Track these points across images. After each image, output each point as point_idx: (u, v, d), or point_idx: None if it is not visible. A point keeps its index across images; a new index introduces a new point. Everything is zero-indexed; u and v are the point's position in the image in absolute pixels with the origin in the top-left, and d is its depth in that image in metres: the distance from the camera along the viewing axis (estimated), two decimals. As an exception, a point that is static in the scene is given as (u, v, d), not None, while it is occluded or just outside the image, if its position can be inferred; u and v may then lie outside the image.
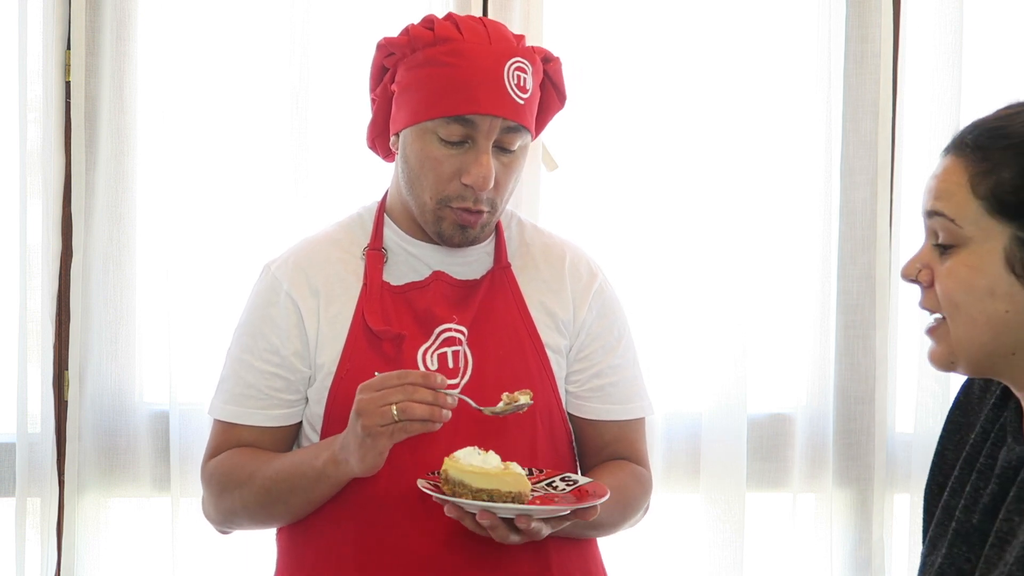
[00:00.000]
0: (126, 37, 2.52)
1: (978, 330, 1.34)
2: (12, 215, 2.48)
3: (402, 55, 1.86)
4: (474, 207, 1.85)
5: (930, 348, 1.41)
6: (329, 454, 1.79)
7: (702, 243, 2.67)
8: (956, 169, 1.36)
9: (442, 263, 1.92)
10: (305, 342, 1.89)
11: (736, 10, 2.63)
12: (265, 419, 1.91)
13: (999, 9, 2.77)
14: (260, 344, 1.91)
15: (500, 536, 1.70)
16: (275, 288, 1.93)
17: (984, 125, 1.37)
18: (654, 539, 2.66)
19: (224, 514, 1.93)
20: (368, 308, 1.87)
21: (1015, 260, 1.31)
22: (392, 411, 1.67)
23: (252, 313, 1.95)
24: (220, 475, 1.91)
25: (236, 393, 1.92)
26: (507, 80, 1.82)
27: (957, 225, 1.34)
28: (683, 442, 2.69)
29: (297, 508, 1.87)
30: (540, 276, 1.97)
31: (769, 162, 2.69)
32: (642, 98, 2.66)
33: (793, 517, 2.72)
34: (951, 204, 1.35)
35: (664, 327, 2.68)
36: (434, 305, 1.89)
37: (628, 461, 1.99)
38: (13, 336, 2.47)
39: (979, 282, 1.33)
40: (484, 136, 1.82)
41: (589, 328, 1.96)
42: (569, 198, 2.67)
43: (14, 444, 2.47)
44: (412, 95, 1.84)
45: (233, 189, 2.59)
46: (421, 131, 1.83)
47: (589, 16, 2.66)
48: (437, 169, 1.83)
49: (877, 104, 2.69)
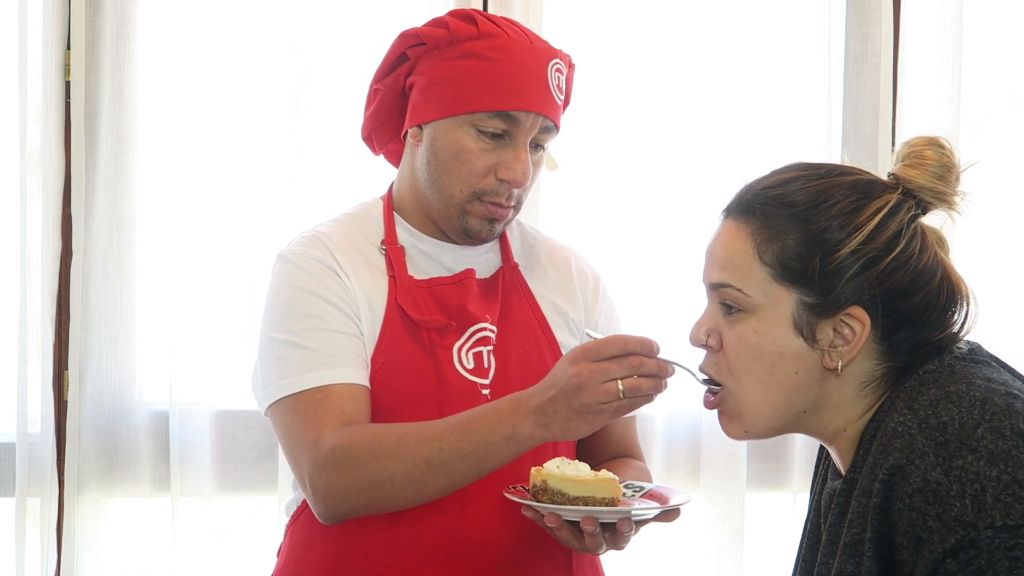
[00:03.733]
0: (126, 37, 2.52)
1: (771, 393, 1.39)
2: (12, 215, 2.48)
3: (435, 46, 1.83)
4: (506, 203, 1.84)
5: (720, 419, 1.46)
6: (523, 414, 1.62)
7: (702, 243, 2.67)
8: (740, 236, 1.42)
9: (455, 260, 1.91)
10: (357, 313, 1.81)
11: (736, 10, 2.64)
12: (363, 378, 1.77)
13: (999, 9, 2.77)
14: (327, 308, 1.78)
15: (595, 544, 1.65)
16: (311, 262, 1.82)
17: (768, 192, 1.42)
18: (654, 539, 2.66)
19: (360, 492, 1.70)
20: (403, 299, 1.83)
21: (802, 324, 1.36)
22: (618, 387, 1.56)
23: (299, 287, 1.80)
24: (355, 445, 1.69)
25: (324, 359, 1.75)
26: (550, 79, 1.82)
27: (745, 294, 1.39)
28: (683, 442, 2.69)
29: (461, 480, 1.67)
30: (548, 277, 1.97)
31: (769, 162, 2.66)
32: (642, 98, 2.66)
33: (793, 517, 2.72)
34: (738, 274, 1.40)
35: (664, 327, 2.68)
36: (467, 302, 1.86)
37: (631, 457, 2.00)
38: (13, 336, 2.47)
39: (769, 347, 1.38)
40: (524, 133, 1.81)
41: (603, 330, 1.97)
42: (569, 198, 2.68)
43: (14, 444, 2.47)
44: (449, 87, 1.81)
45: (233, 189, 2.59)
46: (457, 123, 1.81)
47: (589, 16, 2.66)
48: (473, 162, 1.81)
49: (877, 104, 2.69)
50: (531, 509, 1.66)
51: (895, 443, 1.26)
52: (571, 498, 1.65)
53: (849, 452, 1.40)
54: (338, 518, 1.75)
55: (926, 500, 1.22)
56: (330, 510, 1.73)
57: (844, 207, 1.36)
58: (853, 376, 1.38)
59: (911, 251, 1.36)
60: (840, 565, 1.32)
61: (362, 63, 1.99)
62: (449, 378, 1.82)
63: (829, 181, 1.39)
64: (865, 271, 1.35)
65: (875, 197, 1.37)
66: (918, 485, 1.23)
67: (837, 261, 1.35)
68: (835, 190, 1.38)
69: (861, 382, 1.38)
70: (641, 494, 1.77)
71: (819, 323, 1.36)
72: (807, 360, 1.37)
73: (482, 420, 1.65)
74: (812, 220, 1.37)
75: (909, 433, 1.26)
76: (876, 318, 1.35)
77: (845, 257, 1.35)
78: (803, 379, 1.38)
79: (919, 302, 1.36)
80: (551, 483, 1.67)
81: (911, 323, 1.36)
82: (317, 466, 1.71)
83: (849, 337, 1.35)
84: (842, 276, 1.35)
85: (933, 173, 1.37)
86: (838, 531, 1.37)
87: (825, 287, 1.35)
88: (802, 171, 1.42)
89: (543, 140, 1.85)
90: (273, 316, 1.82)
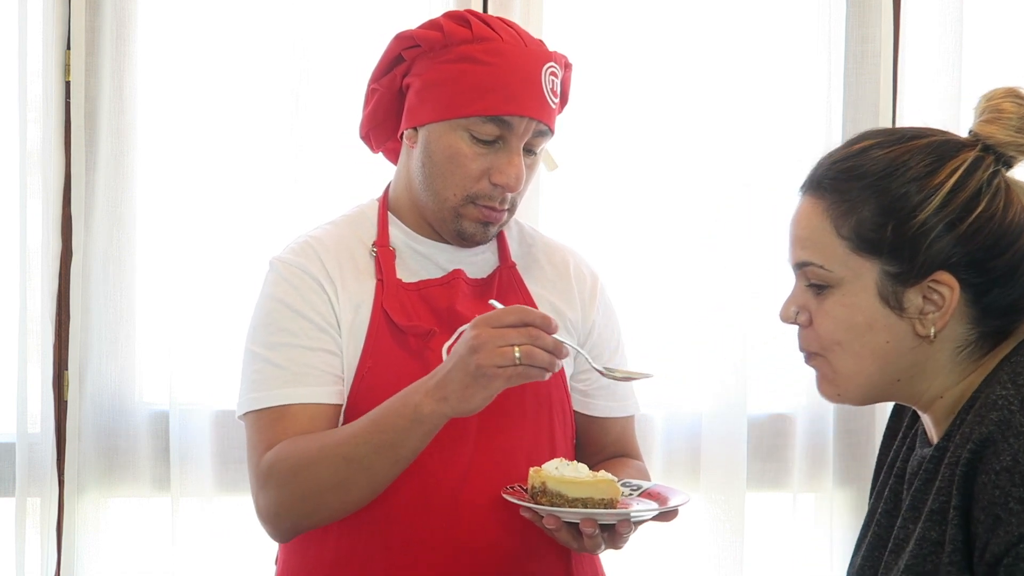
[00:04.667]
0: (126, 37, 2.52)
1: (864, 363, 1.38)
2: (12, 215, 2.48)
3: (429, 48, 1.83)
4: (500, 206, 1.85)
5: (817, 381, 1.45)
6: (423, 393, 1.64)
7: (702, 243, 2.67)
8: (816, 212, 1.40)
9: (450, 261, 1.91)
10: (337, 324, 1.83)
11: (736, 10, 2.64)
12: (326, 395, 1.80)
13: (999, 9, 2.77)
14: (301, 324, 1.82)
15: (593, 544, 1.67)
16: (296, 272, 1.85)
17: (838, 165, 1.40)
18: (654, 539, 2.66)
19: (294, 504, 1.74)
20: (389, 304, 1.84)
21: (887, 293, 1.35)
22: (515, 353, 1.58)
23: (280, 299, 1.84)
24: (284, 460, 1.73)
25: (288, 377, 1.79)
26: (544, 83, 1.82)
27: (827, 270, 1.39)
28: (683, 442, 2.69)
29: (382, 474, 1.70)
30: (546, 276, 1.97)
31: (769, 162, 2.69)
32: (642, 99, 2.66)
33: (793, 517, 2.72)
34: (818, 251, 1.40)
35: (664, 327, 2.69)
36: (456, 303, 1.87)
37: (628, 457, 2.00)
38: (13, 336, 2.47)
39: (857, 319, 1.37)
40: (518, 137, 1.81)
41: (600, 330, 1.98)
42: (569, 198, 2.68)
43: (14, 444, 2.47)
44: (443, 90, 1.81)
45: (233, 189, 2.59)
46: (451, 127, 1.81)
47: (589, 16, 2.66)
48: (466, 166, 1.81)
49: (877, 104, 2.69)
50: (530, 511, 1.67)
51: (991, 416, 1.25)
52: (570, 499, 1.66)
53: (945, 420, 1.38)
54: (286, 533, 1.79)
55: (1012, 481, 1.21)
56: (275, 527, 1.78)
57: (918, 171, 1.34)
58: (947, 342, 1.36)
59: (994, 209, 1.33)
60: (923, 531, 1.31)
61: (362, 63, 1.98)
62: None
63: (902, 147, 1.37)
64: (947, 234, 1.32)
65: (950, 157, 1.35)
66: (1007, 463, 1.22)
67: (916, 227, 1.33)
68: (908, 155, 1.36)
69: (955, 348, 1.36)
70: (639, 492, 1.78)
71: (905, 291, 1.35)
72: (897, 329, 1.36)
73: (390, 408, 1.68)
74: (886, 189, 1.35)
75: (1008, 408, 1.25)
76: (965, 281, 1.33)
77: (924, 222, 1.33)
78: (895, 348, 1.37)
79: (1009, 261, 1.33)
80: (550, 485, 1.67)
81: (1003, 283, 1.34)
82: (258, 486, 1.77)
83: (939, 303, 1.34)
84: (923, 242, 1.33)
85: (1013, 126, 1.35)
86: (924, 498, 1.35)
87: (906, 255, 1.34)
88: (875, 139, 1.40)
89: (537, 144, 1.85)
90: (253, 327, 1.87)
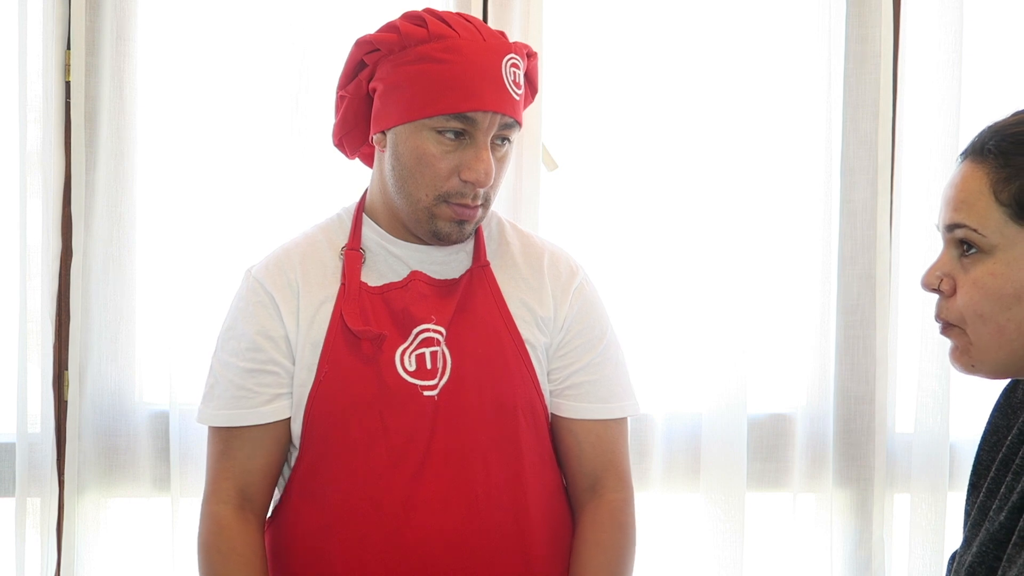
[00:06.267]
0: (126, 37, 2.52)
1: (1006, 337, 1.35)
2: (12, 215, 2.48)
3: (389, 51, 1.84)
4: (472, 203, 1.85)
5: (951, 351, 1.41)
6: None
7: (702, 243, 2.67)
8: (976, 176, 1.35)
9: (422, 262, 1.92)
10: (288, 343, 1.90)
11: (736, 10, 2.63)
12: (261, 416, 1.90)
13: (999, 9, 2.77)
14: (244, 344, 1.91)
15: None
16: (255, 289, 1.93)
17: (1005, 131, 1.36)
18: (654, 539, 2.66)
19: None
20: (346, 308, 1.87)
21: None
22: None
23: (235, 315, 1.96)
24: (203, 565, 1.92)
25: (228, 397, 1.91)
26: (505, 76, 1.83)
27: (981, 234, 1.34)
28: (683, 442, 2.69)
29: None
30: (520, 274, 1.97)
31: (769, 162, 2.69)
32: (642, 98, 2.66)
33: (793, 517, 2.72)
34: (973, 214, 1.35)
35: (664, 327, 2.68)
36: (411, 305, 1.89)
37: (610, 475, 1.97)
38: (13, 336, 2.47)
39: (1006, 289, 1.33)
40: (483, 132, 1.82)
41: (570, 325, 1.96)
42: (569, 198, 2.68)
43: (14, 444, 2.47)
44: (405, 92, 1.83)
45: (233, 189, 2.59)
46: (416, 128, 1.83)
47: (589, 16, 2.66)
48: (435, 166, 1.83)
49: (877, 104, 2.69)
50: None
51: None
52: None
53: None
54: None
55: None
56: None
57: None
58: None
59: None
60: None
61: (362, 63, 1.99)
62: (389, 382, 1.85)
63: None
64: None
65: None
66: None
67: None
68: None
69: None
70: None
71: None
72: None
73: None
74: None
75: None
76: None
77: None
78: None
79: None
80: None
81: None
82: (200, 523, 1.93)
83: None
84: None
85: None
86: None
87: None
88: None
89: (505, 135, 1.86)
90: (218, 337, 1.98)
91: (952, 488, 2.69)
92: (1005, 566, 1.36)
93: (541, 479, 1.94)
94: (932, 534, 2.69)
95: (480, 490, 1.87)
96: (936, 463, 2.68)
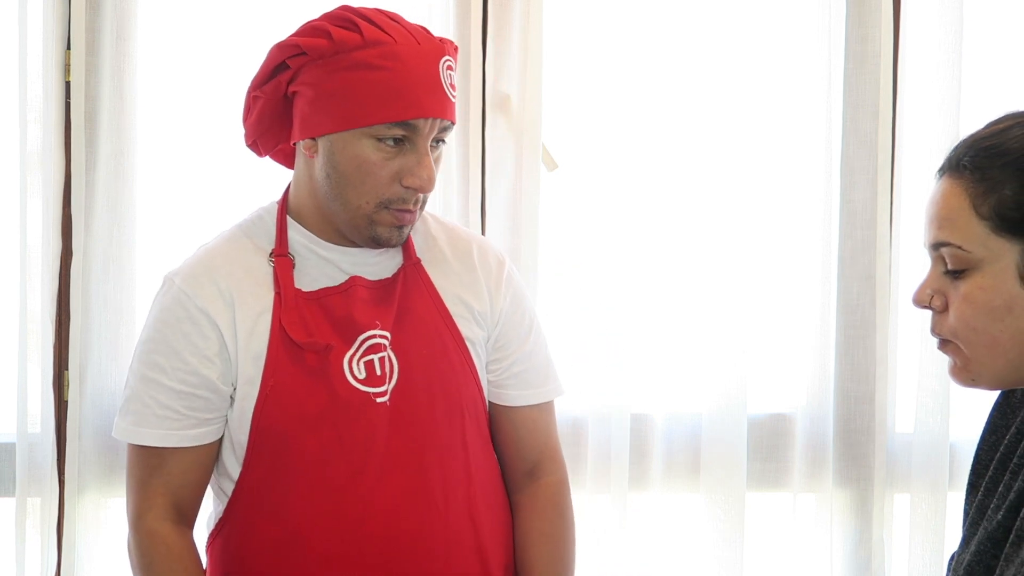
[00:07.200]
0: (126, 37, 2.52)
1: (1001, 348, 1.35)
2: (12, 215, 2.48)
3: (318, 56, 1.80)
4: (412, 207, 1.84)
5: (950, 367, 1.42)
6: None
7: (702, 243, 2.67)
8: (955, 192, 1.36)
9: (355, 264, 1.90)
10: (227, 359, 1.85)
11: (736, 10, 2.63)
12: (190, 439, 1.87)
13: (999, 9, 2.77)
14: (174, 363, 1.85)
15: None
16: (184, 302, 1.87)
17: (978, 144, 1.36)
18: (654, 539, 2.66)
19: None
20: (286, 319, 1.83)
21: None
22: None
23: (161, 329, 1.87)
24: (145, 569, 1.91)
25: (150, 414, 1.86)
26: (443, 79, 1.81)
27: (965, 251, 1.35)
28: (683, 442, 2.69)
29: None
30: (452, 269, 1.96)
31: (769, 162, 2.69)
32: (642, 98, 2.66)
33: (793, 517, 2.72)
34: (956, 231, 1.35)
35: (664, 327, 2.68)
36: (354, 311, 1.86)
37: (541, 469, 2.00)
38: (13, 336, 2.47)
39: (995, 301, 1.34)
40: (424, 138, 1.81)
41: (507, 318, 1.98)
42: (569, 198, 2.68)
43: (14, 444, 2.47)
44: (341, 99, 1.78)
45: (233, 189, 2.59)
46: (354, 136, 1.79)
47: (589, 16, 2.66)
48: (376, 174, 1.80)
49: (877, 104, 2.69)
50: None
51: None
52: None
53: None
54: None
55: None
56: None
57: None
58: None
59: None
60: None
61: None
62: (340, 391, 1.83)
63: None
64: None
65: None
66: None
67: None
68: None
69: None
70: None
71: None
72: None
73: None
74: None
75: None
76: None
77: None
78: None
79: None
80: None
81: None
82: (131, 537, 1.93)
83: None
84: None
85: None
86: None
87: None
88: (1017, 119, 1.37)
89: (441, 138, 1.85)
90: (137, 344, 1.91)
91: (952, 488, 2.68)
92: (1003, 565, 1.37)
93: (484, 471, 1.96)
94: (932, 534, 2.69)
95: (438, 491, 1.87)
96: (936, 463, 2.68)
